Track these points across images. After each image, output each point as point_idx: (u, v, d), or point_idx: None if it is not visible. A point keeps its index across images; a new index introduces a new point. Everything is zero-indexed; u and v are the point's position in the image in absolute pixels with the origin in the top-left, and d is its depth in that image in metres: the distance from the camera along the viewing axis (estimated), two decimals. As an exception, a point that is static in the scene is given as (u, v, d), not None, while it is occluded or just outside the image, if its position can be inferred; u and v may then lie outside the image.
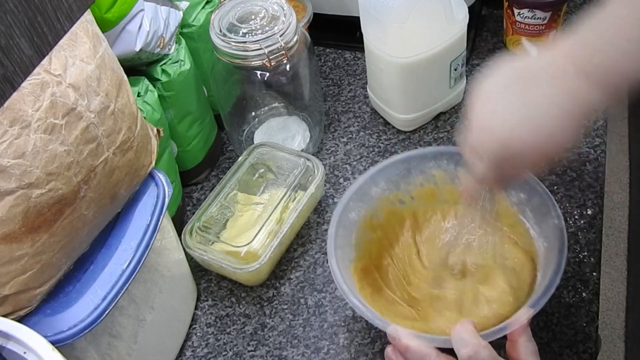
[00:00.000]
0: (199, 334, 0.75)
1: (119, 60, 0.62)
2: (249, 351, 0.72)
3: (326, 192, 0.84)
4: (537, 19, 0.90)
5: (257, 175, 0.81)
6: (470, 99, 0.57)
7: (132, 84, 0.66)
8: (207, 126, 0.87)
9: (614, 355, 1.39)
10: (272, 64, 0.77)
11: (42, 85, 0.51)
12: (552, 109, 0.52)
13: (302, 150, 0.84)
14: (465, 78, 0.91)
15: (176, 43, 0.79)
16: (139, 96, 0.73)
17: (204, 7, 0.83)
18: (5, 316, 0.52)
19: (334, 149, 0.90)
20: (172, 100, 0.79)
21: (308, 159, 0.80)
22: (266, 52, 0.76)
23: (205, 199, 0.79)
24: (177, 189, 0.81)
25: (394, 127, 0.91)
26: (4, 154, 0.48)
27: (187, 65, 0.79)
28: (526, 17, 0.91)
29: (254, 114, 0.92)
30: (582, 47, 0.51)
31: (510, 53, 0.67)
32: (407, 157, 0.73)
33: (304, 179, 0.79)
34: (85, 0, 0.32)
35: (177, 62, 0.78)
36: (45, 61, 0.51)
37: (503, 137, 0.54)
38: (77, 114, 0.53)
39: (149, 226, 0.62)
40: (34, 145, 0.50)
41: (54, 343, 0.49)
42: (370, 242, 0.71)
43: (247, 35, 0.76)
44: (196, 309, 0.77)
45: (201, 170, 0.88)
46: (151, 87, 0.74)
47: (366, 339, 0.71)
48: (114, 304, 0.57)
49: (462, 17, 0.82)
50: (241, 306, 0.76)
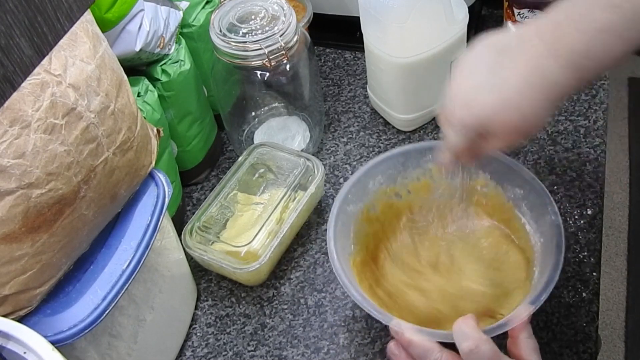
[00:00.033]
0: (199, 334, 0.75)
1: (119, 60, 0.62)
2: (249, 351, 0.72)
3: (326, 192, 0.84)
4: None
5: (257, 175, 0.81)
6: (453, 71, 0.59)
7: (132, 84, 0.66)
8: (207, 126, 0.87)
9: (614, 355, 1.39)
10: (272, 64, 0.77)
11: (42, 85, 0.51)
12: (521, 84, 0.53)
13: (302, 150, 0.84)
14: (465, 78, 0.91)
15: (176, 43, 0.79)
16: (139, 96, 0.73)
17: (204, 7, 0.83)
18: (5, 316, 0.52)
19: (334, 149, 0.90)
20: (172, 100, 0.79)
21: (308, 159, 0.80)
22: (266, 52, 0.76)
23: (205, 199, 0.79)
24: (177, 189, 0.81)
25: (394, 127, 0.91)
26: (4, 154, 0.48)
27: (187, 65, 0.79)
28: (526, 17, 0.91)
29: (254, 114, 0.92)
30: (554, 27, 0.52)
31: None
32: (404, 150, 0.73)
33: (304, 179, 0.79)
34: (85, 0, 0.32)
35: (177, 62, 0.78)
36: (45, 61, 0.51)
37: (472, 107, 0.55)
38: (77, 114, 0.53)
39: (149, 226, 0.62)
40: (34, 145, 0.50)
41: (54, 343, 0.49)
42: (367, 236, 0.71)
43: (247, 35, 0.76)
44: (196, 309, 0.77)
45: (201, 170, 0.88)
46: (151, 87, 0.74)
47: (366, 339, 0.71)
48: (114, 304, 0.57)
49: (462, 17, 0.82)
50: (241, 306, 0.76)
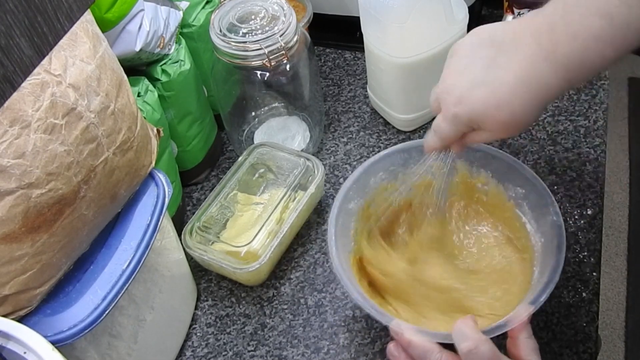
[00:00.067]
0: (199, 334, 0.75)
1: (119, 60, 0.62)
2: (249, 351, 0.72)
3: (326, 192, 0.84)
4: (537, 19, 0.90)
5: (257, 175, 0.81)
6: (448, 60, 0.59)
7: (132, 84, 0.66)
8: (207, 126, 0.87)
9: (614, 355, 1.39)
10: (272, 64, 0.77)
11: (42, 85, 0.51)
12: (514, 85, 0.53)
13: (302, 150, 0.84)
14: (465, 78, 0.91)
15: (176, 43, 0.79)
16: (139, 96, 0.73)
17: (204, 7, 0.83)
18: (5, 316, 0.52)
19: (334, 149, 0.90)
20: (172, 100, 0.79)
21: (308, 159, 0.80)
22: (266, 52, 0.76)
23: (205, 199, 0.79)
24: (177, 189, 0.81)
25: (394, 127, 0.91)
26: (4, 154, 0.48)
27: (187, 65, 0.79)
28: (526, 17, 0.91)
29: (254, 114, 0.92)
30: (549, 29, 0.52)
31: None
32: (406, 147, 0.72)
33: (304, 179, 0.79)
34: (85, 0, 0.32)
35: (177, 62, 0.78)
36: (45, 61, 0.51)
37: (465, 102, 0.56)
38: (77, 114, 0.53)
39: (149, 226, 0.62)
40: (34, 145, 0.50)
41: (54, 343, 0.49)
42: (368, 232, 0.71)
43: (247, 35, 0.76)
44: (196, 309, 0.77)
45: (201, 170, 0.88)
46: (151, 87, 0.74)
47: (366, 339, 0.71)
48: (114, 304, 0.57)
49: (462, 17, 0.82)
50: (241, 306, 0.76)
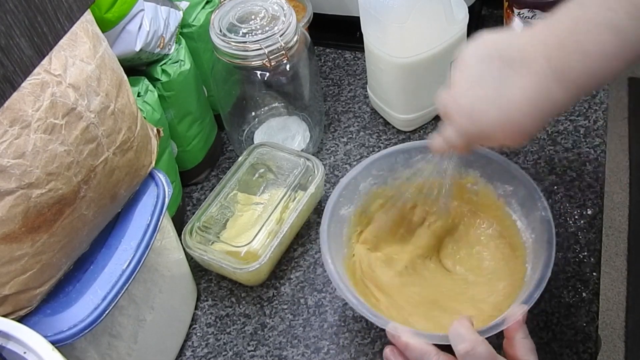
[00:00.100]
0: (199, 334, 0.75)
1: (119, 60, 0.62)
2: (249, 351, 0.72)
3: (326, 192, 0.84)
4: (537, 19, 0.90)
5: (257, 175, 0.81)
6: (455, 60, 0.59)
7: (132, 84, 0.66)
8: (207, 126, 0.87)
9: (614, 355, 1.39)
10: (272, 64, 0.77)
11: (42, 85, 0.51)
12: (525, 103, 0.54)
13: (302, 150, 0.84)
14: (465, 78, 0.91)
15: (176, 43, 0.79)
16: (139, 96, 0.73)
17: (204, 7, 0.83)
18: (5, 316, 0.52)
19: (334, 149, 0.90)
20: (172, 100, 0.79)
21: (308, 159, 0.80)
22: (266, 52, 0.76)
23: (205, 199, 0.79)
24: (177, 189, 0.81)
25: (394, 127, 0.91)
26: (4, 154, 0.48)
27: (187, 65, 0.79)
28: (526, 17, 0.91)
29: (254, 114, 0.92)
30: (559, 46, 0.52)
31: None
32: (393, 151, 0.72)
33: (304, 179, 0.79)
34: (85, 0, 0.32)
35: (177, 62, 0.78)
36: (45, 61, 0.51)
37: (475, 119, 0.57)
38: (77, 114, 0.53)
39: (149, 226, 0.62)
40: (34, 145, 0.50)
41: (54, 343, 0.49)
42: (360, 237, 0.71)
43: (247, 35, 0.76)
44: (196, 309, 0.77)
45: (201, 170, 0.88)
46: (151, 87, 0.74)
47: (366, 339, 0.71)
48: (114, 304, 0.57)
49: (462, 17, 0.82)
50: (241, 306, 0.76)
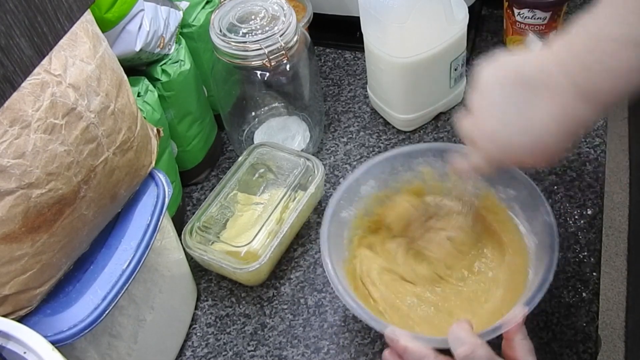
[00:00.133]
0: (199, 334, 0.75)
1: (119, 60, 0.62)
2: (249, 351, 0.72)
3: (326, 192, 0.84)
4: (537, 19, 0.90)
5: (257, 175, 0.81)
6: (472, 86, 0.58)
7: (132, 84, 0.66)
8: (207, 126, 0.87)
9: (614, 355, 1.39)
10: (272, 64, 0.77)
11: (42, 85, 0.51)
12: (551, 126, 0.54)
13: (302, 150, 0.84)
14: (465, 78, 0.91)
15: (176, 43, 0.79)
16: (139, 96, 0.73)
17: (204, 7, 0.83)
18: (5, 316, 0.52)
19: (334, 149, 0.90)
20: (172, 100, 0.79)
21: (308, 159, 0.80)
22: (266, 52, 0.76)
23: (205, 199, 0.79)
24: (177, 189, 0.81)
25: (394, 127, 0.91)
26: (4, 154, 0.48)
27: (187, 65, 0.79)
28: (526, 17, 0.91)
29: (254, 114, 0.92)
30: (582, 68, 0.51)
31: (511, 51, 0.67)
32: (394, 154, 0.72)
33: (304, 179, 0.79)
34: (85, 0, 0.32)
35: (177, 62, 0.78)
36: (45, 61, 0.51)
37: (502, 146, 0.57)
38: (77, 114, 0.53)
39: (149, 226, 0.62)
40: (34, 145, 0.50)
41: (54, 343, 0.49)
42: (361, 241, 0.71)
43: (247, 35, 0.76)
44: (196, 309, 0.77)
45: (201, 170, 0.88)
46: (151, 87, 0.74)
47: (366, 339, 0.71)
48: (114, 304, 0.57)
49: (462, 17, 0.82)
50: (241, 306, 0.76)
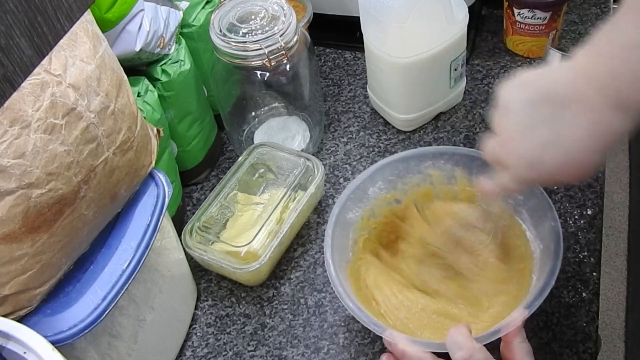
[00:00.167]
0: (199, 334, 0.75)
1: (119, 60, 0.62)
2: (249, 351, 0.72)
3: (326, 192, 0.84)
4: (537, 19, 0.90)
5: (257, 175, 0.81)
6: (497, 105, 0.56)
7: (132, 84, 0.66)
8: (207, 126, 0.87)
9: (614, 355, 1.39)
10: (272, 64, 0.77)
11: (42, 85, 0.51)
12: (586, 141, 0.51)
13: (302, 150, 0.84)
14: (465, 78, 0.91)
15: (176, 43, 0.79)
16: (139, 96, 0.73)
17: (204, 7, 0.83)
18: (5, 316, 0.52)
19: (334, 149, 0.90)
20: (172, 100, 0.79)
21: (308, 159, 0.80)
22: (266, 52, 0.76)
23: (205, 199, 0.79)
24: (177, 189, 0.81)
25: (394, 127, 0.91)
26: (4, 154, 0.48)
27: (187, 65, 0.79)
28: (526, 17, 0.91)
29: (254, 114, 0.92)
30: (613, 78, 0.49)
31: (511, 53, 0.66)
32: (404, 156, 0.72)
33: (304, 179, 0.79)
34: (85, 0, 0.32)
35: (177, 62, 0.78)
36: (45, 61, 0.51)
37: (537, 167, 0.54)
38: (77, 114, 0.53)
39: (149, 226, 0.62)
40: (34, 145, 0.50)
41: (54, 343, 0.49)
42: (366, 243, 0.71)
43: (247, 35, 0.76)
44: (196, 309, 0.77)
45: (201, 170, 0.88)
46: (151, 87, 0.74)
47: (366, 339, 0.71)
48: (114, 304, 0.57)
49: (462, 17, 0.82)
50: (241, 306, 0.76)
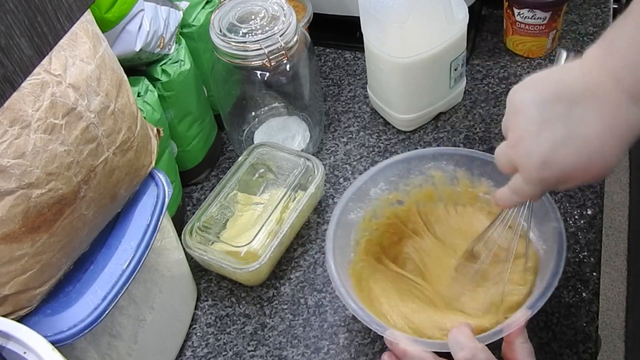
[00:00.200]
0: (199, 334, 0.75)
1: (119, 60, 0.62)
2: (249, 351, 0.72)
3: (326, 192, 0.84)
4: (537, 19, 0.90)
5: (257, 175, 0.81)
6: (509, 108, 0.55)
7: (132, 84, 0.66)
8: (207, 126, 0.87)
9: (614, 355, 1.39)
10: (272, 64, 0.77)
11: (42, 85, 0.51)
12: (604, 136, 0.50)
13: (302, 150, 0.84)
14: (465, 78, 0.91)
15: (176, 43, 0.79)
16: (139, 96, 0.73)
17: (204, 7, 0.83)
18: (5, 316, 0.52)
19: (334, 149, 0.90)
20: (172, 100, 0.79)
21: (308, 159, 0.80)
22: (266, 52, 0.76)
23: (205, 199, 0.79)
24: (177, 189, 0.81)
25: (394, 127, 0.91)
26: (4, 154, 0.48)
27: (187, 65, 0.79)
28: (526, 17, 0.91)
29: (254, 114, 0.92)
30: (631, 69, 0.48)
31: (511, 53, 0.66)
32: (406, 157, 0.73)
33: (304, 179, 0.79)
34: (85, 0, 0.32)
35: (177, 62, 0.78)
36: (45, 61, 0.51)
37: (554, 166, 0.52)
38: (77, 114, 0.53)
39: (149, 226, 0.62)
40: (34, 145, 0.50)
41: (54, 343, 0.49)
42: (368, 243, 0.71)
43: (247, 35, 0.76)
44: (196, 309, 0.77)
45: (201, 170, 0.88)
46: (151, 87, 0.74)
47: (366, 339, 0.71)
48: (114, 304, 0.57)
49: (462, 17, 0.82)
50: (241, 306, 0.76)
